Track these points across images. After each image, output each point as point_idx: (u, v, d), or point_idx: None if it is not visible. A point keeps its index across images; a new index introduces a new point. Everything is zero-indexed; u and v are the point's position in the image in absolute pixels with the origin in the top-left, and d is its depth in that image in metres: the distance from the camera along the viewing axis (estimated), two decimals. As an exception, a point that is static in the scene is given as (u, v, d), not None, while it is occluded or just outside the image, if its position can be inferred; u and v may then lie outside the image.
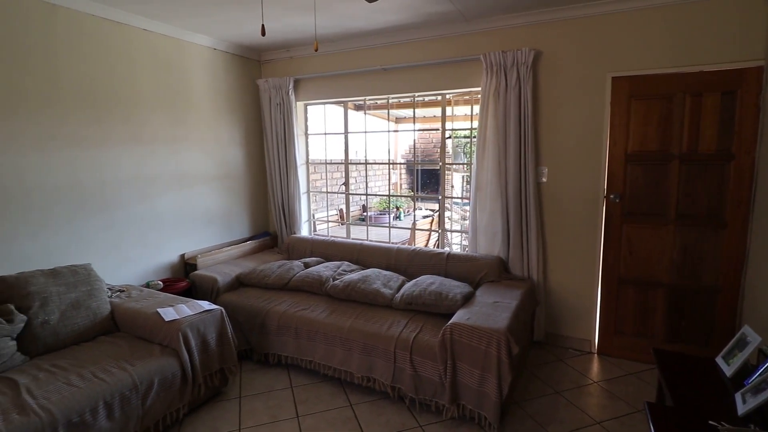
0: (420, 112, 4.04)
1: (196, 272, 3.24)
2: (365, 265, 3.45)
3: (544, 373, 2.80)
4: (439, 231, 3.85)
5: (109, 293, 2.63)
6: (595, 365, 2.93)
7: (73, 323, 2.30)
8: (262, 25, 1.81)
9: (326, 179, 4.82)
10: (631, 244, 2.95)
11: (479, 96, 3.21)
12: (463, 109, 5.32)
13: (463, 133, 7.15)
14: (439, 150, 3.73)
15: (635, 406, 2.45)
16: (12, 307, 2.16)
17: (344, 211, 6.80)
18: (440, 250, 3.38)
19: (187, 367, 2.24)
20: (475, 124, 3.33)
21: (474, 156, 3.25)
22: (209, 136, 3.66)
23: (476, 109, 3.39)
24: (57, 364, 2.06)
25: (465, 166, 6.33)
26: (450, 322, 2.32)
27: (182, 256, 3.45)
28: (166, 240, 3.33)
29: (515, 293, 2.74)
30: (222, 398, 2.52)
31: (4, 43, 2.37)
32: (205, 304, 2.51)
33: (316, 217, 4.50)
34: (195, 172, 3.54)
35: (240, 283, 3.27)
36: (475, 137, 3.30)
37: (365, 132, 4.09)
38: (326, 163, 4.31)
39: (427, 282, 2.82)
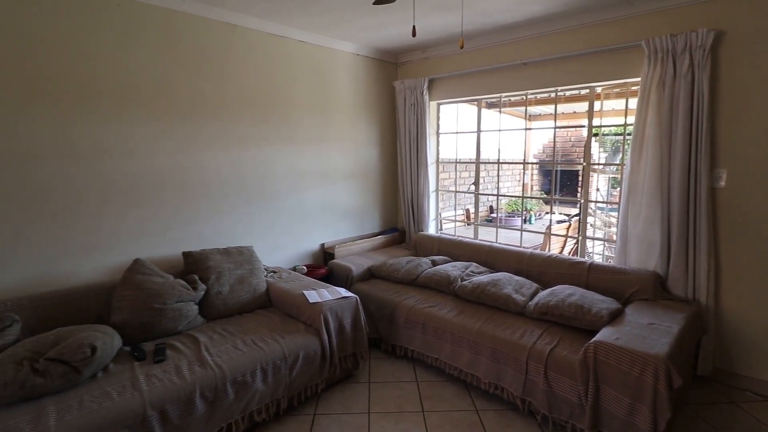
0: (558, 108, 3.74)
1: (333, 261, 3.53)
2: (494, 268, 3.33)
3: (711, 416, 2.35)
4: (579, 238, 3.52)
5: (265, 273, 3.01)
6: (786, 417, 2.35)
7: (239, 296, 2.70)
8: (413, 27, 1.87)
9: (455, 178, 4.79)
10: None
11: (636, 88, 2.83)
12: (612, 104, 4.77)
13: (609, 130, 6.43)
14: (577, 149, 3.40)
15: None
16: (196, 277, 2.62)
17: (470, 211, 6.72)
18: (580, 259, 3.08)
19: (326, 347, 2.45)
20: (630, 119, 2.95)
21: (628, 155, 2.89)
22: (349, 136, 3.94)
23: (632, 102, 3.00)
24: (226, 329, 2.44)
25: (611, 166, 5.67)
26: (594, 339, 2.10)
27: (322, 245, 3.79)
28: (310, 230, 3.68)
29: (677, 316, 2.35)
30: (353, 381, 2.69)
31: (195, 58, 2.87)
32: (343, 291, 2.70)
33: (442, 216, 4.50)
34: (336, 170, 3.85)
35: (371, 274, 3.45)
36: (629, 134, 2.92)
37: (499, 130, 3.95)
38: (456, 162, 4.28)
39: (565, 292, 2.59)
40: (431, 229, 4.23)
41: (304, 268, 3.41)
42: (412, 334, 2.84)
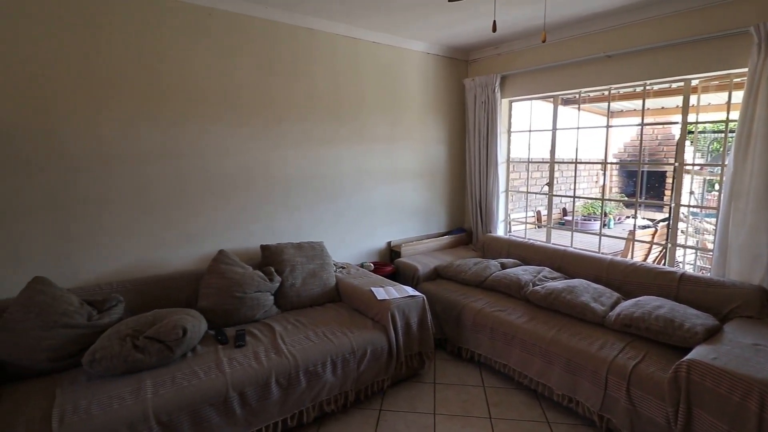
0: (638, 103, 3.44)
1: (400, 259, 3.55)
2: (568, 274, 3.15)
3: (831, 455, 2.04)
4: (667, 245, 3.22)
5: (334, 268, 3.10)
6: None
7: (310, 289, 2.81)
8: (494, 21, 1.81)
9: (526, 179, 4.60)
10: None
11: (741, 80, 2.53)
12: (709, 98, 4.31)
13: (705, 127, 5.80)
14: (665, 148, 3.10)
15: None
16: (272, 269, 2.77)
17: (541, 213, 6.42)
18: (669, 268, 2.82)
19: (393, 344, 2.47)
20: (734, 114, 2.64)
21: (730, 155, 2.58)
22: (417, 135, 3.94)
23: (736, 96, 2.69)
24: (299, 320, 2.55)
25: (707, 168, 5.12)
26: (687, 357, 1.91)
27: (389, 243, 3.83)
28: (377, 228, 3.74)
29: (789, 338, 2.07)
30: (418, 380, 2.69)
31: (266, 59, 3.02)
32: (410, 290, 2.71)
33: (512, 218, 4.35)
34: (403, 169, 3.87)
35: (437, 274, 3.42)
36: (731, 132, 2.61)
37: (577, 128, 3.72)
38: (528, 162, 4.10)
39: (652, 304, 2.38)
40: (500, 231, 4.11)
41: (372, 265, 3.47)
42: (479, 337, 2.77)
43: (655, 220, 5.39)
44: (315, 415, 2.20)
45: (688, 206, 4.25)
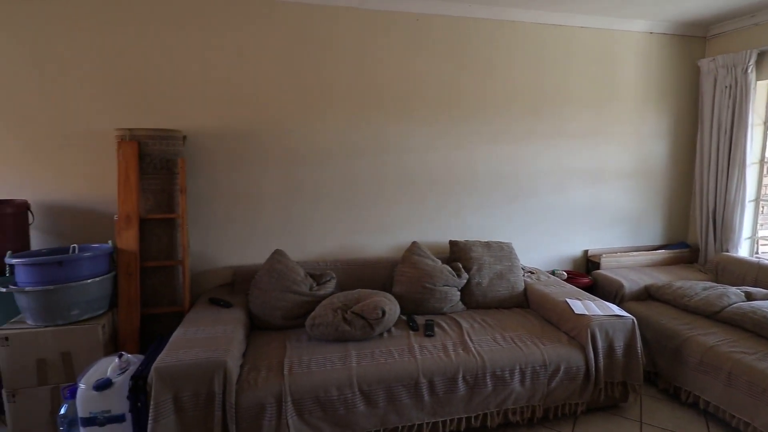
0: None
1: (598, 271, 3.14)
2: None
3: None
4: None
5: (522, 272, 2.94)
6: None
7: (497, 290, 2.73)
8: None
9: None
10: None
11: None
12: None
13: None
14: None
15: None
16: (460, 265, 2.79)
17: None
18: None
19: (591, 366, 2.19)
20: None
21: None
22: (630, 128, 3.40)
23: None
24: (485, 321, 2.50)
25: None
26: None
27: (585, 251, 3.43)
28: (571, 233, 3.39)
29: None
30: (619, 414, 2.32)
31: (466, 57, 3.01)
32: (615, 308, 2.36)
33: (760, 235, 3.36)
34: (609, 168, 3.40)
35: (649, 295, 2.90)
36: None
37: None
38: (797, 164, 3.09)
39: None
40: (743, 251, 3.22)
41: (564, 273, 3.16)
42: (709, 381, 2.22)
43: None
44: (499, 421, 2.13)
45: None
